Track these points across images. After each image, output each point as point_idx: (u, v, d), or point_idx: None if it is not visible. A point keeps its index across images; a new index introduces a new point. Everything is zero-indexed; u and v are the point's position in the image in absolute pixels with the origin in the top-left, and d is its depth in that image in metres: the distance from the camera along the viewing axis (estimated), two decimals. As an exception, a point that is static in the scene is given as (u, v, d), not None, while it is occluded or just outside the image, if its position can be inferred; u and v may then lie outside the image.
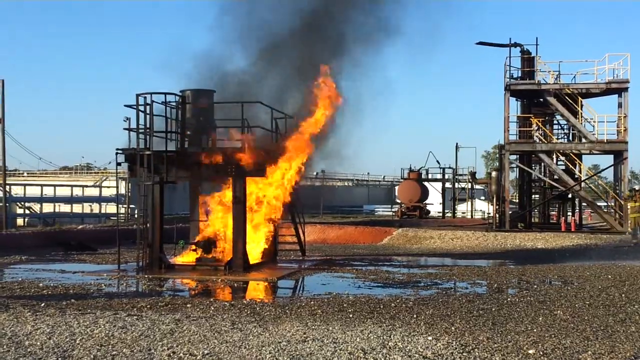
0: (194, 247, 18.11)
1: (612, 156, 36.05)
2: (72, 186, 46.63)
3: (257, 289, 15.14)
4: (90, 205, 46.70)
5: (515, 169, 39.61)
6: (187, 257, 18.39)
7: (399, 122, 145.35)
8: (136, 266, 17.48)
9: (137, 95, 17.38)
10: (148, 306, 11.79)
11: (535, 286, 15.13)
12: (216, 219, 18.38)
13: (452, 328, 10.04)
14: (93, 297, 13.02)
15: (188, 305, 11.91)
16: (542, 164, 37.26)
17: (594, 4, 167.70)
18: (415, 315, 11.09)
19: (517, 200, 42.65)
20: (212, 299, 12.89)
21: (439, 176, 56.62)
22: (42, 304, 11.76)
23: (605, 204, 39.34)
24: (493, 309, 11.82)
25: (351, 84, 20.52)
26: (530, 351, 8.61)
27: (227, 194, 18.09)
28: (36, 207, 42.99)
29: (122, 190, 45.99)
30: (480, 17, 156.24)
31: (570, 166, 36.15)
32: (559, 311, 11.68)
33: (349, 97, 20.06)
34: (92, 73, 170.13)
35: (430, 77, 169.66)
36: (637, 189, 30.08)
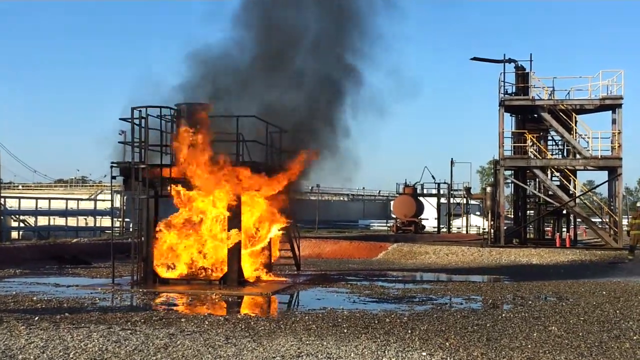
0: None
1: (606, 172, 36.14)
2: (67, 199, 46.61)
3: (251, 304, 15.12)
4: (85, 219, 46.67)
5: (510, 184, 39.68)
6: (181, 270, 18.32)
7: (394, 137, 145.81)
8: (130, 280, 17.44)
9: (133, 109, 17.40)
10: (142, 320, 11.76)
11: (530, 302, 15.13)
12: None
13: (447, 344, 10.04)
14: (87, 310, 12.98)
15: (182, 320, 11.87)
16: (537, 179, 37.32)
17: (588, 20, 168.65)
18: (409, 331, 11.07)
19: (512, 216, 42.69)
20: (206, 314, 12.86)
21: (434, 191, 56.76)
22: (36, 318, 11.71)
23: (600, 220, 39.32)
24: (488, 325, 11.81)
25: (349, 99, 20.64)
26: (525, 367, 8.62)
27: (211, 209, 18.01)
28: (31, 220, 42.90)
29: (117, 204, 45.96)
30: (475, 32, 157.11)
31: (565, 182, 36.21)
32: (553, 327, 11.68)
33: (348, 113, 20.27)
34: (88, 85, 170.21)
35: (425, 92, 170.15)
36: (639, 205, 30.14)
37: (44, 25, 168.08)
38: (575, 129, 34.75)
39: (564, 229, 40.43)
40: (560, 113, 34.44)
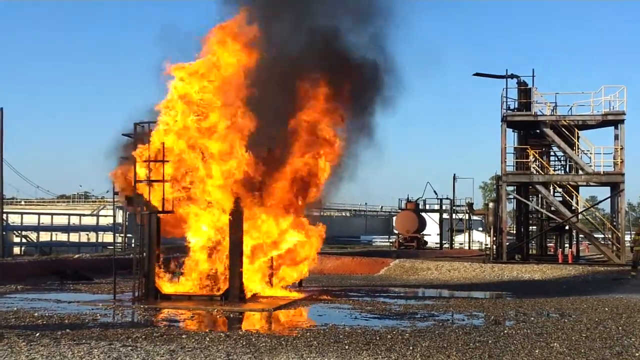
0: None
1: (609, 188, 36.10)
2: (69, 215, 46.57)
3: (253, 320, 15.08)
4: (87, 234, 46.62)
5: (512, 200, 39.61)
6: (183, 286, 18.30)
7: (396, 153, 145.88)
8: (132, 296, 17.42)
9: (135, 124, 17.46)
10: (143, 336, 11.74)
11: (532, 318, 15.10)
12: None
13: (448, 360, 10.01)
14: (88, 327, 12.96)
15: (183, 336, 11.85)
16: (539, 195, 37.28)
17: (590, 36, 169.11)
18: (411, 347, 11.05)
19: (514, 232, 42.58)
20: (207, 330, 12.84)
21: (436, 207, 56.65)
22: (37, 334, 11.70)
23: (603, 236, 39.21)
24: (490, 341, 11.78)
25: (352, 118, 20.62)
26: (527, 384, 8.58)
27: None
28: (33, 235, 42.87)
29: (119, 220, 45.93)
30: (477, 47, 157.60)
31: (567, 198, 36.18)
32: (555, 344, 11.65)
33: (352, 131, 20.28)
34: (90, 101, 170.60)
35: (428, 107, 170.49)
36: None
37: (48, 40, 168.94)
38: (578, 145, 34.75)
39: (567, 245, 40.33)
40: (563, 129, 34.44)
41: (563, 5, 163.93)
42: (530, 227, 39.78)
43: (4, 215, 35.96)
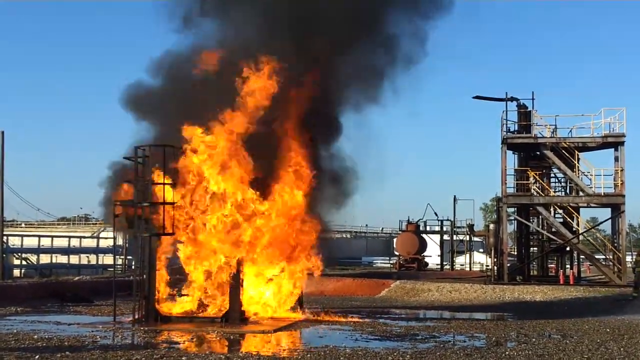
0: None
1: (609, 209, 36.09)
2: (69, 237, 46.49)
3: (253, 342, 15.02)
4: (88, 256, 46.51)
5: (513, 221, 39.60)
6: (184, 307, 18.27)
7: (396, 174, 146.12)
8: (132, 318, 17.37)
9: (136, 148, 17.52)
10: (143, 358, 11.70)
11: (534, 340, 15.05)
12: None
13: (450, 382, 9.97)
14: (88, 349, 12.91)
15: (183, 358, 11.82)
16: (540, 216, 37.29)
17: (590, 58, 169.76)
18: (412, 369, 11.00)
19: (515, 253, 42.52)
20: (207, 352, 12.79)
21: (437, 228, 56.57)
22: (37, 356, 11.67)
23: (604, 257, 39.17)
24: (491, 363, 11.73)
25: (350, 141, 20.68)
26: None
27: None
28: (33, 258, 42.80)
29: (120, 242, 45.85)
30: (476, 69, 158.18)
31: (568, 219, 36.16)
32: (557, 365, 11.60)
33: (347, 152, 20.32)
34: (91, 123, 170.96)
35: (428, 129, 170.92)
36: None
37: (45, 57, 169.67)
38: (578, 167, 34.82)
39: (568, 266, 40.26)
40: (563, 151, 34.54)
41: (563, 29, 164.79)
42: (531, 249, 39.75)
43: (4, 238, 35.94)
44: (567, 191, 38.24)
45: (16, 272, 39.44)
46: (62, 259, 43.81)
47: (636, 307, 23.69)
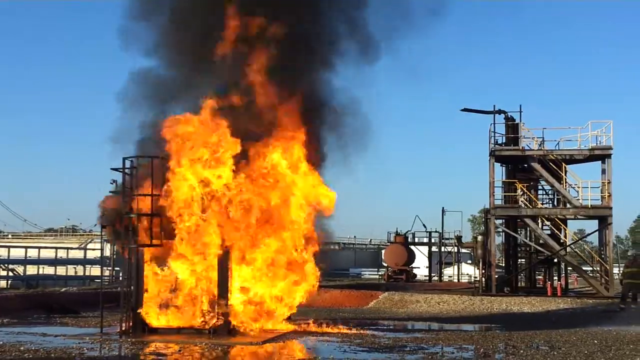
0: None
1: (596, 221, 36.24)
2: (56, 248, 46.27)
3: (241, 353, 14.97)
4: (75, 268, 46.27)
5: (501, 233, 39.72)
6: (171, 319, 18.16)
7: (385, 186, 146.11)
8: (119, 329, 17.27)
9: (124, 159, 17.48)
10: (130, 370, 11.63)
11: (522, 351, 15.06)
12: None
13: (438, 393, 9.96)
14: (74, 361, 12.84)
15: (171, 370, 11.75)
16: (528, 228, 37.42)
17: (577, 70, 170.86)
18: (400, 380, 10.99)
19: (503, 264, 42.65)
20: (195, 363, 12.73)
21: (425, 240, 56.69)
22: (23, 368, 11.58)
23: (591, 268, 39.31)
24: (479, 374, 11.73)
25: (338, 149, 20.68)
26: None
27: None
28: (20, 269, 42.53)
29: (107, 253, 45.61)
30: (463, 82, 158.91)
31: (556, 231, 36.28)
32: (545, 376, 11.61)
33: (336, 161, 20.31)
34: (78, 133, 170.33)
35: (417, 142, 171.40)
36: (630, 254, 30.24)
37: (30, 69, 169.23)
38: (565, 179, 34.98)
39: (555, 278, 40.38)
40: (550, 163, 34.70)
41: (549, 41, 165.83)
42: (519, 260, 39.86)
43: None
44: (555, 203, 38.40)
45: (2, 284, 39.21)
46: (49, 270, 43.55)
47: (623, 318, 23.75)
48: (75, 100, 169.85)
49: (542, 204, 37.67)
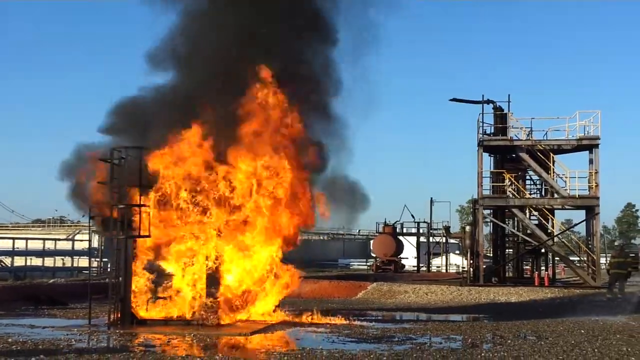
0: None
1: (584, 211, 36.40)
2: (44, 239, 46.10)
3: (229, 344, 14.97)
4: (63, 259, 46.15)
5: (489, 223, 39.85)
6: (160, 311, 18.15)
7: (373, 176, 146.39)
8: (107, 321, 17.24)
9: (112, 149, 17.40)
10: (119, 362, 11.62)
11: (509, 341, 15.14)
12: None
13: (426, 384, 10.00)
14: (63, 352, 12.80)
15: (159, 361, 11.75)
16: (516, 218, 37.56)
17: (565, 61, 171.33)
18: (388, 371, 11.02)
19: (491, 255, 42.79)
20: (183, 355, 12.74)
21: (413, 230, 56.78)
22: (11, 360, 11.56)
23: (578, 258, 39.50)
24: (467, 364, 11.79)
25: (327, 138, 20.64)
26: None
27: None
28: (7, 260, 42.37)
29: (95, 244, 45.53)
30: (453, 73, 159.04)
31: (543, 221, 36.45)
32: (532, 366, 11.67)
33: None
34: (66, 124, 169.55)
35: (404, 131, 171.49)
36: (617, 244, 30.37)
37: (20, 62, 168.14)
38: (553, 169, 35.09)
39: (543, 268, 40.57)
40: (538, 153, 34.80)
41: (538, 33, 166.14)
42: (507, 250, 40.02)
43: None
44: (542, 193, 38.54)
45: (-10, 275, 39.03)
46: (36, 261, 43.41)
47: (610, 308, 23.91)
48: (65, 92, 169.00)
49: (530, 194, 37.80)
